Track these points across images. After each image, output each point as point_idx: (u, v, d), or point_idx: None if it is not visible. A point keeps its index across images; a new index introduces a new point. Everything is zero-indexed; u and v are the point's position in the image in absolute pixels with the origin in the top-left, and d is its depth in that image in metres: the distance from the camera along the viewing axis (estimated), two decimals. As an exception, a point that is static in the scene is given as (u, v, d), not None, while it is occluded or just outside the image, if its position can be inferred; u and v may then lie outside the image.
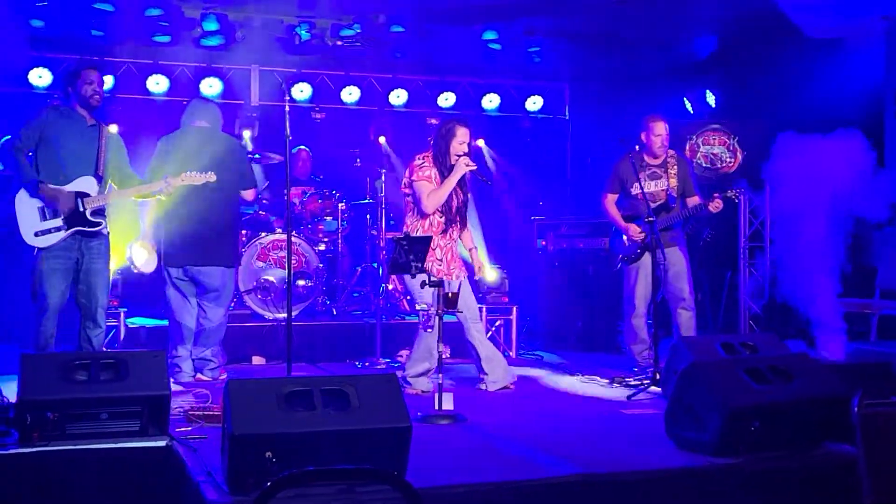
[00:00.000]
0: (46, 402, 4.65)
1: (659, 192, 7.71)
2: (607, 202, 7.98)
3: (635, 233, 7.72)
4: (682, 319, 7.64)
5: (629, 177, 7.77)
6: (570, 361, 8.89)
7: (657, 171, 7.78)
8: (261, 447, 4.08)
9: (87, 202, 6.39)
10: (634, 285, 7.79)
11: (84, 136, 6.47)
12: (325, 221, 9.56)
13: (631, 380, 7.41)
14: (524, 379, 7.95)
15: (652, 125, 7.73)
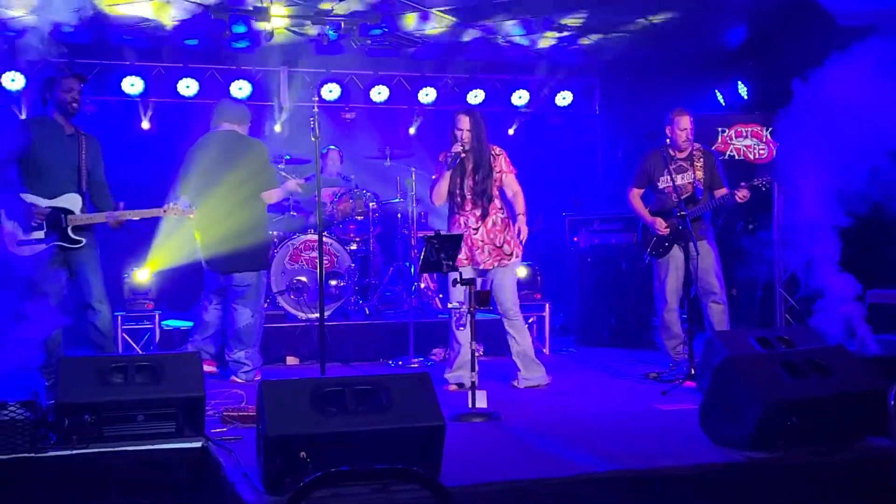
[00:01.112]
0: (84, 405, 4.71)
1: (686, 185, 7.69)
2: (632, 196, 7.97)
3: (661, 226, 7.70)
4: (714, 313, 7.60)
5: (658, 170, 7.76)
6: (603, 357, 8.87)
7: (683, 164, 7.75)
8: (295, 447, 4.11)
9: (70, 219, 6.37)
10: (665, 280, 7.77)
11: (65, 146, 6.44)
12: (357, 221, 9.59)
13: (665, 375, 7.38)
14: (558, 375, 7.95)
15: (677, 119, 7.71)
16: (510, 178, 7.15)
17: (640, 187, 7.96)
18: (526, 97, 11.54)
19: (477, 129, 7.01)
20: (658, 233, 7.72)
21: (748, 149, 9.88)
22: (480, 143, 7.03)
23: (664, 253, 7.74)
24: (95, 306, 6.42)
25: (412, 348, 8.41)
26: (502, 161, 7.10)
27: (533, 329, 9.29)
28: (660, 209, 7.81)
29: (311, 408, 4.26)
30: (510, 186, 7.15)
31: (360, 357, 8.65)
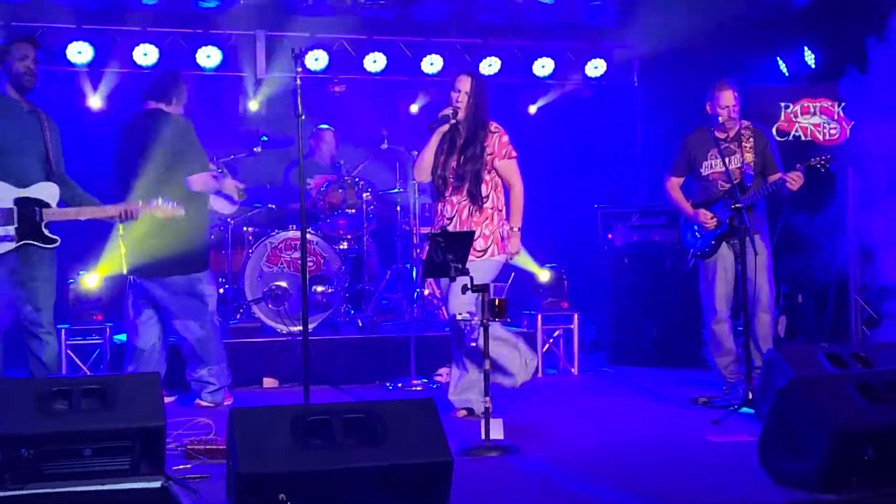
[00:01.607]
0: (19, 437, 4.68)
1: (733, 171, 7.65)
2: (670, 185, 7.95)
3: (706, 220, 7.68)
4: (759, 325, 7.56)
5: (700, 155, 7.74)
6: (643, 378, 8.85)
7: (730, 146, 7.72)
8: (272, 488, 4.10)
9: (45, 213, 6.36)
10: (713, 284, 7.74)
11: (26, 127, 6.44)
12: (348, 215, 9.59)
13: (718, 400, 7.37)
14: (589, 399, 7.94)
15: (717, 94, 7.66)
16: (505, 164, 6.93)
17: (679, 175, 7.94)
18: (550, 66, 11.51)
19: (477, 97, 6.89)
20: (704, 227, 7.70)
21: (816, 128, 9.86)
22: (478, 113, 6.90)
23: (711, 253, 7.72)
24: (43, 337, 6.43)
25: (414, 368, 8.40)
26: (496, 141, 6.89)
27: (559, 344, 9.29)
28: (704, 200, 7.79)
29: (291, 440, 4.25)
30: (506, 176, 6.95)
31: (351, 379, 8.64)
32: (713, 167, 7.65)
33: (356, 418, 4.43)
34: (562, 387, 8.65)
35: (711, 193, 7.72)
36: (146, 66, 10.29)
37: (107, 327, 8.44)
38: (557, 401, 8.00)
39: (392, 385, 8.44)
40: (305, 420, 4.36)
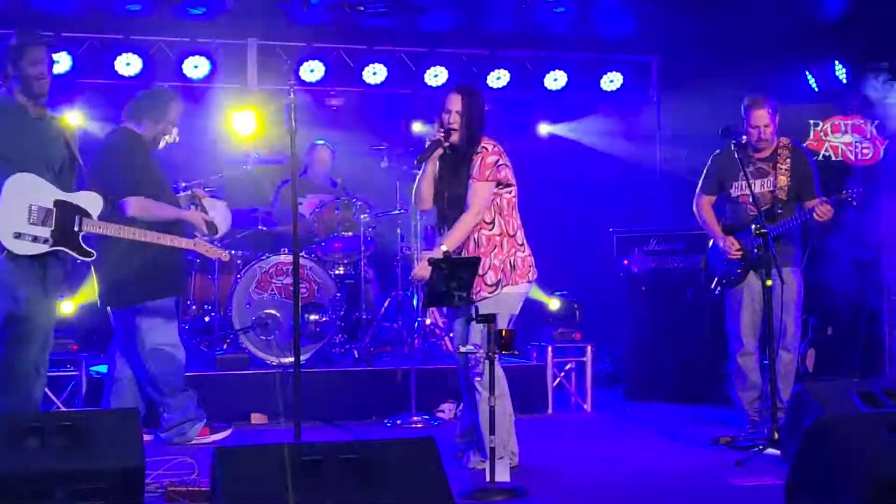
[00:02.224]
0: (-14, 477, 4.67)
1: (765, 194, 7.64)
2: (702, 205, 7.94)
3: (731, 248, 7.66)
4: (782, 362, 7.53)
5: (730, 174, 7.72)
6: (662, 415, 8.83)
7: (763, 166, 7.70)
8: (260, 534, 4.08)
9: (85, 223, 6.32)
10: (739, 314, 7.73)
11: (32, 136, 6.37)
12: (344, 238, 9.58)
13: (741, 440, 7.34)
14: (603, 438, 7.91)
15: (749, 112, 7.65)
16: (475, 186, 6.64)
17: (711, 194, 7.93)
18: (563, 80, 11.55)
19: (470, 115, 6.73)
20: (728, 255, 7.69)
21: (848, 147, 9.86)
22: (472, 132, 6.73)
23: (737, 281, 7.71)
24: (42, 369, 6.37)
25: (414, 403, 8.38)
26: (479, 162, 6.65)
27: (571, 378, 9.27)
28: (733, 224, 7.78)
29: (280, 482, 4.23)
30: (469, 196, 6.64)
31: (346, 415, 8.61)
32: (743, 189, 7.62)
33: (351, 459, 4.40)
34: (573, 424, 8.63)
35: (741, 217, 7.71)
36: (129, 76, 10.32)
37: (83, 358, 8.41)
38: (568, 439, 7.98)
39: (391, 422, 8.41)
40: (296, 460, 4.33)
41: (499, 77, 11.33)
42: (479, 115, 6.79)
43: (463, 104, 6.74)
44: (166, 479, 5.86)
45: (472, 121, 6.73)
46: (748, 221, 7.59)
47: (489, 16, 10.71)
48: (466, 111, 6.73)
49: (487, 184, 6.63)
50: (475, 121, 6.75)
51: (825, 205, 7.40)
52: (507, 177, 6.70)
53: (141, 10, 10.14)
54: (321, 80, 10.86)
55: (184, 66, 10.45)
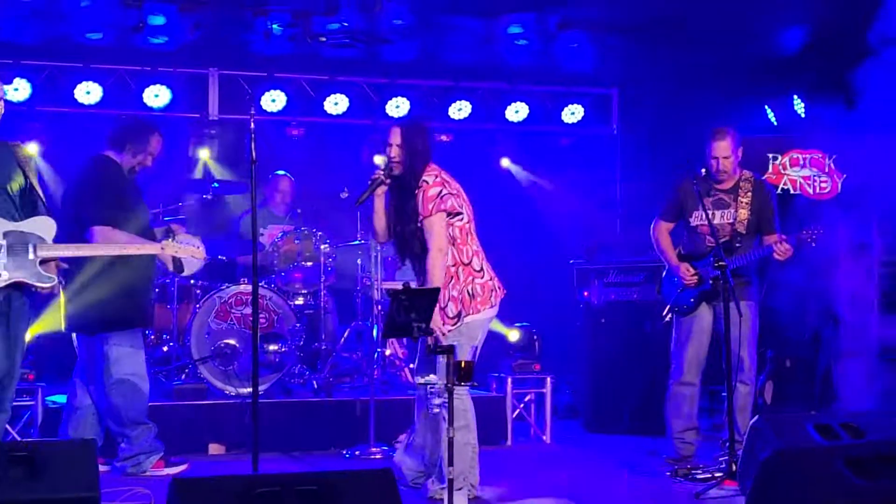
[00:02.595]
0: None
1: (724, 225, 7.71)
2: (659, 231, 7.98)
3: (687, 275, 7.71)
4: (739, 396, 7.57)
5: (691, 203, 7.77)
6: (621, 447, 8.85)
7: (725, 197, 7.76)
8: (215, 566, 4.06)
9: (40, 249, 6.21)
10: (685, 344, 7.79)
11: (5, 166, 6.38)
12: (304, 269, 9.58)
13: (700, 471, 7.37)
14: (561, 470, 7.92)
15: (711, 143, 7.72)
16: (430, 220, 6.61)
17: (670, 221, 7.98)
18: (524, 111, 11.61)
19: (411, 147, 6.69)
20: (684, 282, 7.74)
21: (806, 181, 9.95)
22: (414, 166, 6.68)
23: (690, 310, 7.76)
24: (6, 405, 6.31)
25: (373, 434, 8.36)
26: (421, 198, 6.63)
27: (530, 410, 9.28)
28: (690, 252, 7.83)
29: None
30: (426, 236, 6.64)
31: (305, 446, 8.59)
32: (702, 219, 7.67)
33: (309, 490, 4.40)
34: (532, 456, 8.63)
35: (699, 247, 7.76)
36: (89, 104, 10.31)
37: (39, 388, 8.35)
38: (527, 471, 7.98)
39: (349, 453, 8.39)
40: (253, 492, 4.32)
41: (460, 108, 11.38)
42: (422, 147, 6.73)
43: (403, 137, 6.72)
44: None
45: (415, 154, 6.68)
46: (706, 251, 7.65)
47: (451, 48, 10.76)
48: (407, 144, 6.71)
49: (437, 216, 6.61)
50: (418, 154, 6.70)
51: (785, 244, 7.46)
52: (455, 205, 6.67)
53: (101, 39, 10.12)
54: (282, 110, 10.88)
55: (144, 94, 10.44)
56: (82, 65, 10.40)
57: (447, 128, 11.40)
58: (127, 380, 7.47)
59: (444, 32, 10.25)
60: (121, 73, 10.55)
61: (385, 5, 9.36)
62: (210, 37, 9.95)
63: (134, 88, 10.50)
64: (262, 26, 9.66)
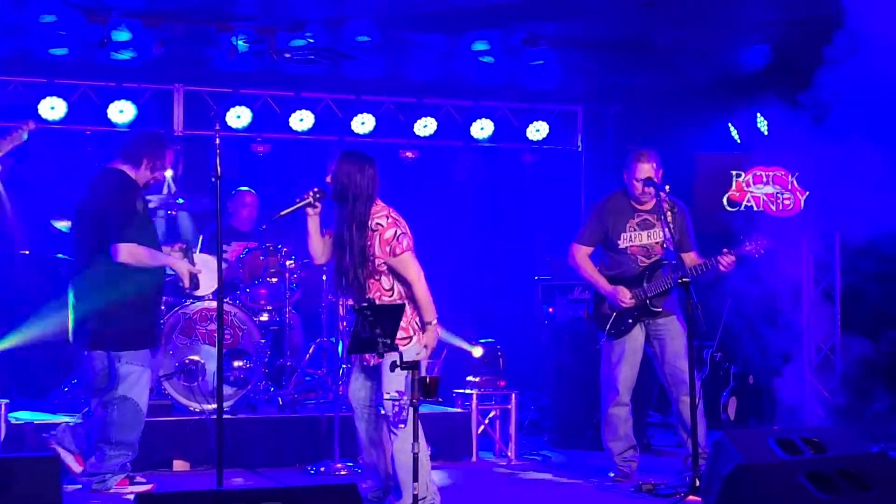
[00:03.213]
0: None
1: (652, 245, 7.79)
2: (579, 256, 8.02)
3: (625, 298, 7.76)
4: (686, 409, 7.63)
5: (619, 225, 7.85)
6: (586, 463, 8.87)
7: (649, 218, 7.85)
8: (180, 582, 4.06)
9: None
10: (618, 365, 7.85)
11: None
12: (270, 285, 9.56)
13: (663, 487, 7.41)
14: (526, 486, 7.93)
15: (633, 166, 7.78)
16: (395, 262, 6.64)
17: (589, 245, 8.03)
18: (490, 128, 11.64)
19: (343, 179, 6.68)
20: (622, 306, 7.78)
21: (769, 198, 10.02)
22: (345, 196, 6.66)
23: (626, 332, 7.83)
24: None
25: (338, 450, 8.35)
26: (376, 242, 6.60)
27: (494, 426, 9.29)
28: (618, 275, 7.88)
29: (201, 529, 4.22)
30: (402, 273, 6.65)
31: (270, 462, 8.55)
32: (633, 240, 7.76)
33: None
34: (497, 472, 8.63)
35: (630, 268, 7.83)
36: (53, 120, 10.27)
37: (2, 404, 8.30)
38: (492, 488, 7.99)
39: (314, 469, 8.37)
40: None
41: (426, 125, 11.40)
42: (359, 179, 6.68)
43: (338, 166, 6.74)
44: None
45: (348, 185, 6.66)
46: (638, 272, 7.73)
47: (416, 64, 10.80)
48: (342, 174, 6.71)
49: (404, 255, 6.64)
50: (350, 186, 6.66)
51: (728, 256, 7.56)
52: (412, 245, 6.69)
53: (66, 55, 10.10)
54: (248, 126, 10.87)
55: (109, 110, 10.41)
56: (46, 80, 10.37)
57: (413, 144, 11.43)
58: (131, 399, 7.44)
59: (410, 49, 10.28)
60: (85, 89, 10.52)
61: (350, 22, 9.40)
62: (175, 52, 9.94)
63: (99, 104, 10.47)
64: (226, 42, 9.66)
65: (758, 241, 7.64)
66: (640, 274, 7.74)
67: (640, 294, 7.71)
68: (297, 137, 11.16)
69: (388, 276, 6.70)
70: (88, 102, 10.52)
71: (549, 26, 9.67)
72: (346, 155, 6.86)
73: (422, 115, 11.40)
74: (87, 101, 10.52)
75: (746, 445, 5.87)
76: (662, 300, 7.77)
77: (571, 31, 9.78)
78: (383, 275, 6.68)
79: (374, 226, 6.63)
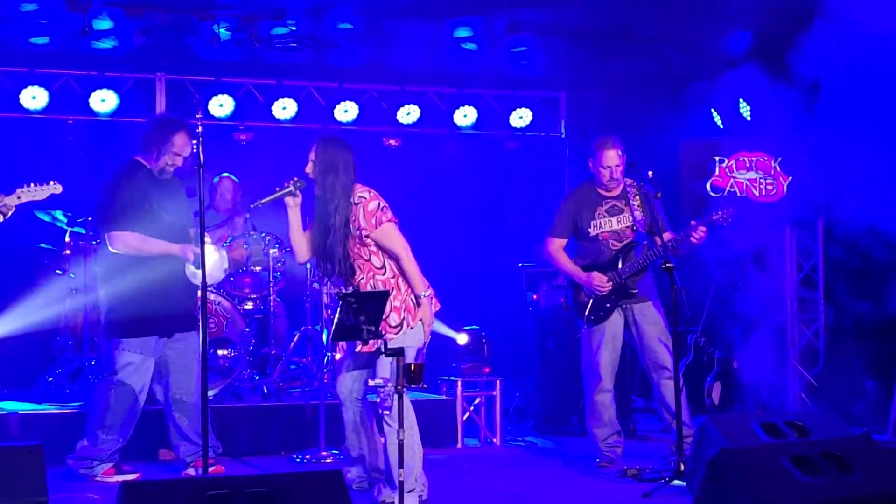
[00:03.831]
0: None
1: (623, 230, 7.85)
2: (553, 249, 8.07)
3: (602, 283, 7.79)
4: (668, 393, 7.66)
5: (587, 214, 7.89)
6: (571, 449, 8.89)
7: (617, 203, 7.91)
8: (166, 569, 4.07)
9: None
10: (598, 352, 7.89)
11: None
12: (253, 273, 9.56)
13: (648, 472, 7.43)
14: (512, 472, 7.95)
15: (600, 154, 7.83)
16: (379, 233, 6.66)
17: (562, 237, 8.07)
18: (473, 116, 11.63)
19: (325, 164, 6.71)
20: (598, 292, 7.81)
21: (753, 183, 10.04)
22: (331, 182, 6.68)
23: (605, 317, 7.87)
24: None
25: (323, 438, 8.35)
26: (360, 214, 6.64)
27: (480, 412, 9.30)
28: (593, 262, 7.91)
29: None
30: (387, 246, 6.69)
31: (255, 450, 8.57)
32: (603, 226, 7.82)
33: (259, 493, 4.41)
34: (482, 459, 8.65)
35: (602, 255, 7.86)
36: (34, 109, 10.23)
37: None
38: (477, 474, 8.00)
39: (300, 457, 8.38)
40: (203, 495, 4.32)
41: (409, 112, 11.38)
42: (341, 164, 6.72)
43: (318, 153, 6.77)
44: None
45: (328, 170, 6.69)
46: (611, 257, 7.77)
47: (399, 52, 10.78)
48: (320, 160, 6.74)
49: (387, 225, 6.66)
50: (331, 170, 6.70)
51: (699, 228, 7.61)
52: (391, 217, 6.72)
53: (47, 44, 10.06)
54: (230, 114, 10.84)
55: (91, 99, 10.36)
56: (28, 69, 10.33)
57: (396, 132, 11.41)
58: (128, 386, 7.41)
59: (392, 37, 10.26)
60: (67, 78, 10.48)
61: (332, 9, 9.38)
62: (157, 41, 9.91)
63: (81, 93, 10.43)
64: (208, 31, 9.64)
65: (724, 210, 7.71)
66: (615, 258, 7.81)
67: (615, 277, 7.76)
68: (280, 126, 11.13)
69: (377, 255, 6.72)
70: (70, 91, 10.47)
71: (531, 13, 9.68)
72: (323, 140, 6.88)
73: (405, 103, 11.37)
74: (69, 90, 10.47)
75: (731, 429, 5.91)
76: (638, 281, 7.80)
77: (554, 17, 9.78)
78: (373, 253, 6.70)
79: (356, 199, 6.67)
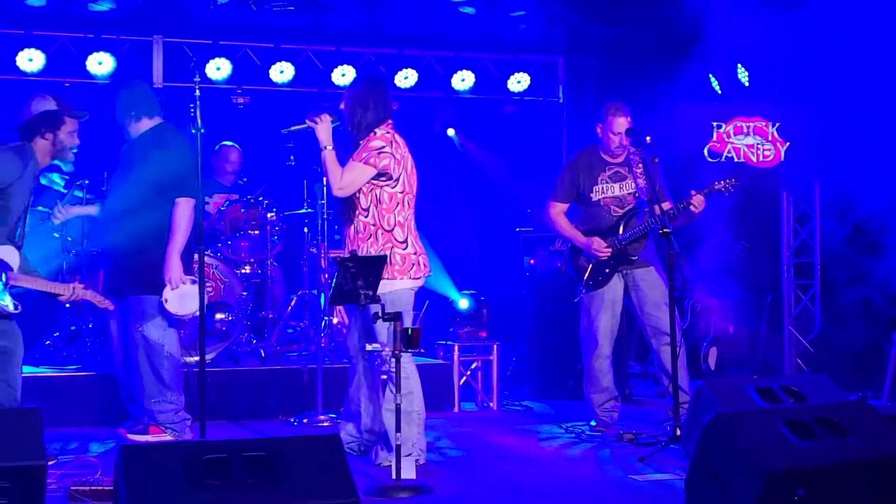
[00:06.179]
0: None
1: (626, 196, 7.85)
2: (555, 213, 8.08)
3: (601, 248, 7.80)
4: (668, 358, 7.66)
5: (590, 179, 7.89)
6: (567, 413, 8.91)
7: (620, 170, 7.91)
8: (163, 532, 4.07)
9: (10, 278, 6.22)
10: (598, 316, 7.90)
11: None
12: (251, 237, 9.55)
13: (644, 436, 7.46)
14: (508, 436, 7.97)
15: (611, 119, 7.81)
16: (348, 165, 6.69)
17: (564, 201, 8.07)
18: (470, 80, 11.59)
19: (352, 101, 6.81)
20: (598, 257, 7.81)
21: (750, 149, 10.03)
22: (355, 120, 6.77)
23: (604, 282, 7.88)
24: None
25: (320, 401, 8.38)
26: (362, 144, 6.71)
27: (477, 377, 9.32)
28: (594, 227, 7.91)
29: (184, 481, 4.22)
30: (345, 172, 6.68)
31: (252, 413, 8.60)
32: (605, 192, 7.82)
33: (256, 456, 4.40)
34: (479, 422, 8.67)
35: (603, 220, 7.86)
36: (31, 72, 10.19)
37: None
38: (474, 437, 8.02)
39: (297, 420, 8.41)
40: (200, 458, 4.32)
41: (406, 76, 11.34)
42: (371, 101, 6.81)
43: (350, 89, 6.97)
44: (69, 479, 5.81)
45: (357, 105, 6.79)
46: (612, 223, 7.77)
47: (397, 15, 10.73)
48: (350, 96, 6.87)
49: (361, 166, 6.64)
50: (359, 105, 6.79)
51: (698, 196, 7.61)
52: (390, 167, 6.65)
53: (44, 6, 10.00)
54: (228, 78, 10.80)
55: (88, 62, 10.32)
56: (24, 31, 10.28)
57: (393, 96, 11.35)
58: (156, 343, 7.36)
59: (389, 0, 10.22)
60: (63, 41, 10.43)
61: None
62: (154, 4, 9.88)
63: (77, 56, 10.39)
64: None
65: (727, 178, 7.71)
66: (615, 224, 7.81)
67: (615, 242, 7.76)
68: (277, 89, 11.10)
69: (365, 196, 6.70)
70: (67, 54, 10.43)
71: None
72: (359, 77, 6.94)
73: (402, 67, 11.33)
74: (66, 52, 10.43)
75: (726, 394, 5.93)
76: (639, 248, 7.81)
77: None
78: (362, 193, 6.69)
79: (370, 133, 6.73)
